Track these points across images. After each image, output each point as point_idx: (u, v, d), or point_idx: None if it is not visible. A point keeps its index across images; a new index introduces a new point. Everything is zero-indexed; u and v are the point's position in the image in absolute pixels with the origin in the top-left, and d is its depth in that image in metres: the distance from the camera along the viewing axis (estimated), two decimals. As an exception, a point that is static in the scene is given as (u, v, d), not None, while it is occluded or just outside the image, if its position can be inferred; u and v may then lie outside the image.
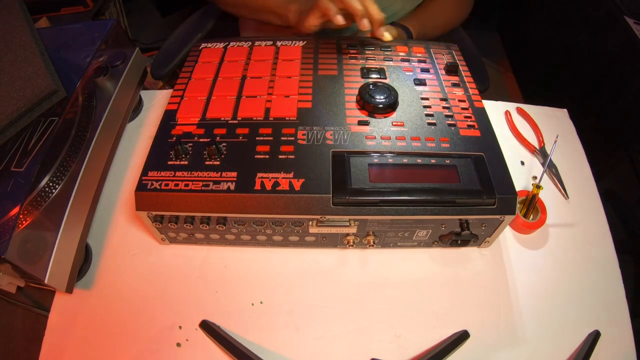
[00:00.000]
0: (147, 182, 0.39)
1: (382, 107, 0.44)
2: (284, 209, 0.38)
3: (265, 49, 0.53)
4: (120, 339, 0.40)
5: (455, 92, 0.48)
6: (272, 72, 0.50)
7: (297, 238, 0.42)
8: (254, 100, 0.46)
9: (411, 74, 0.50)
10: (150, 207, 0.38)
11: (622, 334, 0.40)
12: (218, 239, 0.43)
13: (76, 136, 0.42)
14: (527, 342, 0.40)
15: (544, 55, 1.36)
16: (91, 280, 0.43)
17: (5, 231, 0.34)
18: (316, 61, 0.52)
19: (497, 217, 0.38)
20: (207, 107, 0.45)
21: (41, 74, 0.42)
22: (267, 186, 0.38)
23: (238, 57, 0.52)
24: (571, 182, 0.51)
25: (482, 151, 0.41)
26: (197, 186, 0.38)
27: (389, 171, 0.39)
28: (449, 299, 0.42)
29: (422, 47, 0.54)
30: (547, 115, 0.59)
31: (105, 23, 0.51)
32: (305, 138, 0.42)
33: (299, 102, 0.46)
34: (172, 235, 0.43)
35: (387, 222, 0.39)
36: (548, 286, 0.43)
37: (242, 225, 0.40)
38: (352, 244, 0.42)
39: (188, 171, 0.39)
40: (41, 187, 0.37)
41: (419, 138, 0.42)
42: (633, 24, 0.90)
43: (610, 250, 0.46)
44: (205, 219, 0.39)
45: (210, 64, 0.51)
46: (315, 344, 0.40)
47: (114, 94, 0.48)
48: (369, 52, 0.53)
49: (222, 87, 0.48)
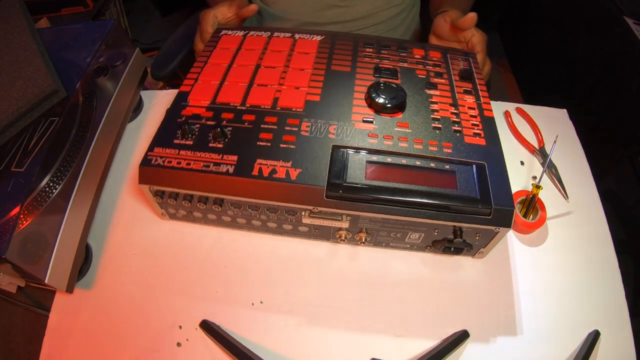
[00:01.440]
0: (151, 158, 0.40)
1: (389, 106, 0.44)
2: (278, 197, 0.38)
3: (283, 40, 0.54)
4: (120, 339, 0.40)
5: (466, 99, 0.47)
6: (286, 63, 0.51)
7: (291, 227, 0.43)
8: (264, 89, 0.47)
9: (424, 77, 0.50)
10: (152, 182, 0.40)
11: (622, 334, 0.40)
12: (215, 219, 0.44)
13: (76, 136, 0.42)
14: (527, 342, 0.40)
15: (543, 56, 1.36)
16: (91, 280, 0.43)
17: (5, 231, 0.34)
18: (331, 56, 0.52)
19: (492, 229, 0.38)
20: (219, 91, 0.47)
21: (42, 74, 0.42)
22: (265, 172, 0.39)
23: (255, 46, 0.53)
24: (571, 182, 0.51)
25: (485, 160, 0.40)
26: (198, 166, 0.39)
27: (386, 170, 0.39)
28: (449, 299, 0.42)
29: (439, 52, 0.54)
30: (546, 115, 0.59)
31: (106, 23, 0.52)
32: (309, 130, 0.43)
33: (308, 95, 0.46)
34: (172, 211, 0.45)
35: (379, 221, 0.39)
36: (548, 286, 0.43)
37: (238, 208, 0.41)
38: (343, 239, 0.42)
39: (192, 151, 0.41)
40: (41, 187, 0.37)
41: (422, 141, 0.42)
42: (632, 24, 0.91)
43: (610, 250, 0.46)
44: (204, 198, 0.41)
45: (228, 51, 0.53)
46: (315, 343, 0.40)
47: (114, 94, 0.48)
48: (384, 52, 0.53)
49: (235, 73, 0.49)
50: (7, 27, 0.46)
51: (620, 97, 0.98)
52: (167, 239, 0.46)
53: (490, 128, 0.44)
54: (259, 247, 0.45)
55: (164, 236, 0.46)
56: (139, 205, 0.49)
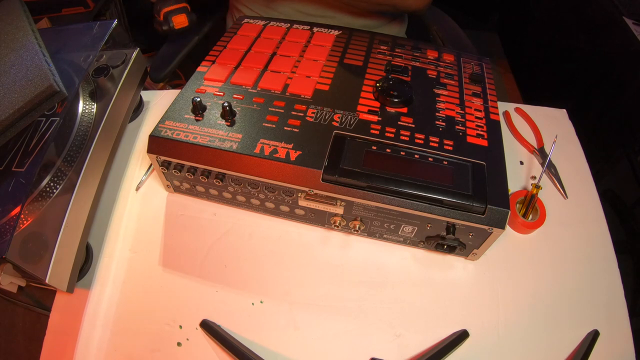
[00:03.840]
0: (162, 129, 0.42)
1: (396, 101, 0.45)
2: (277, 176, 0.39)
3: (301, 32, 0.56)
4: (120, 339, 0.40)
5: (473, 101, 0.48)
6: (301, 53, 0.53)
7: (288, 209, 0.44)
8: (277, 75, 0.49)
9: (434, 77, 0.50)
10: (159, 152, 0.42)
11: (621, 333, 0.41)
12: (216, 195, 0.46)
13: (77, 136, 0.43)
14: (526, 341, 0.40)
15: (543, 56, 1.36)
16: (92, 280, 0.43)
17: (6, 231, 0.34)
18: (345, 50, 0.54)
19: (485, 228, 0.38)
20: (233, 74, 0.49)
21: (42, 75, 0.42)
22: (266, 151, 0.40)
23: (274, 35, 0.56)
24: (570, 182, 0.51)
25: (485, 161, 0.40)
26: (204, 140, 0.41)
27: (383, 160, 0.40)
28: (448, 298, 0.42)
29: (452, 54, 0.55)
30: (546, 116, 0.59)
31: (106, 24, 0.52)
32: (314, 116, 0.44)
33: (318, 84, 0.48)
34: (177, 183, 0.47)
35: (373, 209, 0.40)
36: (547, 286, 0.43)
37: (238, 184, 0.43)
38: (337, 225, 0.42)
39: (200, 126, 0.43)
40: (42, 187, 0.38)
41: (424, 136, 0.42)
42: (632, 25, 0.91)
43: (609, 250, 0.46)
44: (206, 172, 0.42)
45: (247, 38, 0.55)
46: (315, 343, 0.40)
47: (114, 94, 0.48)
48: (398, 51, 0.54)
49: (251, 59, 0.52)
50: (8, 28, 0.46)
51: (619, 97, 0.98)
52: (168, 237, 0.46)
53: (494, 131, 0.44)
54: (258, 239, 0.46)
55: (164, 235, 0.46)
56: (140, 204, 0.49)
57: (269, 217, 0.47)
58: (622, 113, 0.97)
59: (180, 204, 0.49)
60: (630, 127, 0.93)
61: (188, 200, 0.49)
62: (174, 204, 0.49)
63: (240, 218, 0.47)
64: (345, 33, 0.56)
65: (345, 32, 0.57)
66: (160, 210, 0.48)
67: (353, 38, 0.56)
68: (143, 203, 0.49)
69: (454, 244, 0.40)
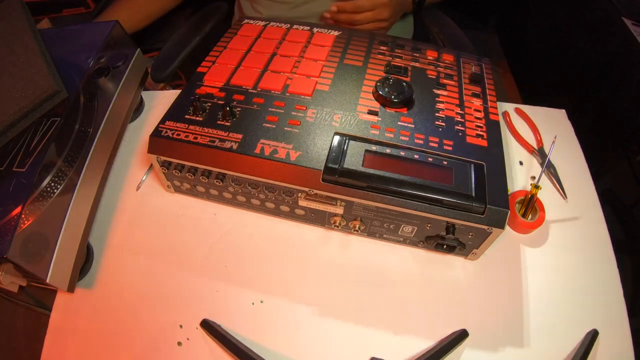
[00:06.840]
0: (162, 129, 0.43)
1: (396, 101, 0.45)
2: (277, 176, 0.40)
3: (301, 32, 0.56)
4: (121, 338, 0.40)
5: (473, 101, 0.48)
6: (301, 53, 0.53)
7: (288, 209, 0.44)
8: (277, 75, 0.49)
9: (434, 77, 0.50)
10: (160, 152, 0.42)
11: (620, 333, 0.41)
12: (217, 195, 0.46)
13: (77, 137, 0.43)
14: (526, 341, 0.40)
15: (542, 56, 1.37)
16: (93, 280, 0.44)
17: (7, 231, 0.34)
18: (345, 51, 0.54)
19: (485, 228, 0.38)
20: (233, 74, 0.49)
21: (43, 75, 0.42)
22: (266, 152, 0.40)
23: (274, 35, 0.56)
24: (569, 182, 0.51)
25: (485, 161, 0.41)
26: (204, 140, 0.41)
27: (383, 160, 0.40)
28: (448, 298, 0.42)
29: (452, 55, 0.55)
30: (545, 116, 0.59)
31: (107, 24, 0.52)
32: (314, 117, 0.44)
33: (318, 84, 0.48)
34: (177, 183, 0.47)
35: (373, 209, 0.40)
36: (546, 285, 0.44)
37: (238, 185, 0.43)
38: (337, 225, 0.43)
39: (200, 127, 0.43)
40: (43, 187, 0.38)
41: (423, 136, 0.42)
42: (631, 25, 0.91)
43: (609, 250, 0.46)
44: (207, 172, 0.42)
45: (247, 38, 0.56)
46: (315, 342, 0.40)
47: (115, 94, 0.48)
48: (398, 51, 0.54)
49: (251, 59, 0.52)
50: (8, 28, 0.46)
51: (618, 97, 0.99)
52: (168, 237, 0.46)
53: (494, 131, 0.44)
54: (258, 239, 0.46)
55: (164, 235, 0.46)
56: (140, 204, 0.49)
57: (269, 217, 0.47)
58: (622, 113, 0.97)
59: (181, 204, 0.49)
60: (629, 126, 0.93)
61: (188, 200, 0.49)
62: (174, 204, 0.49)
63: (240, 218, 0.48)
64: (345, 34, 0.57)
65: (345, 33, 0.57)
66: (161, 210, 0.48)
67: (353, 38, 0.56)
68: (143, 203, 0.49)
69: (453, 244, 0.40)
